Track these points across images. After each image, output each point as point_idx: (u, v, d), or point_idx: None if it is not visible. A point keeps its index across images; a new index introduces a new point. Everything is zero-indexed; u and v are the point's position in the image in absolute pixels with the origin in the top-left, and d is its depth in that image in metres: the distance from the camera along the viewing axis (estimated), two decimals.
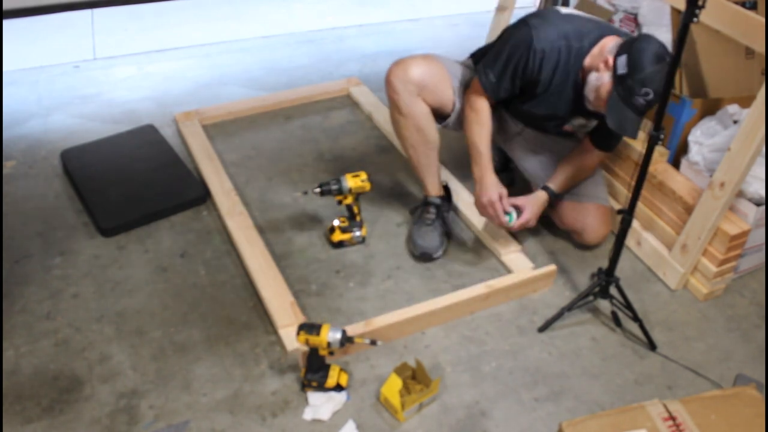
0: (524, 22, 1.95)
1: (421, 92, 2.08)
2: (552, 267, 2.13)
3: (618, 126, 1.84)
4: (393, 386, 1.71)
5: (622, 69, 1.79)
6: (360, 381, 1.81)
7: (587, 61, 1.92)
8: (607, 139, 2.14)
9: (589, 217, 2.21)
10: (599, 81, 1.88)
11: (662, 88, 1.62)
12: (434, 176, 2.25)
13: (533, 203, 2.12)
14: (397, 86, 2.09)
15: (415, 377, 1.79)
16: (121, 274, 2.11)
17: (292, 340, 1.85)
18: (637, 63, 1.77)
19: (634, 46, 1.80)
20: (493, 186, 2.05)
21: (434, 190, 2.27)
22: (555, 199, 2.18)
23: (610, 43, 1.89)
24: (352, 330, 1.83)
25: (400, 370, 1.75)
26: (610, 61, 1.83)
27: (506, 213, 2.06)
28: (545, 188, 2.16)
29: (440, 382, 1.78)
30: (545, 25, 1.92)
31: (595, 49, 1.91)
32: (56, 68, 3.27)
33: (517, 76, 1.96)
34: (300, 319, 1.92)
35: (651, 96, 1.78)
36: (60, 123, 2.83)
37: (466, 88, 2.17)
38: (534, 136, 2.27)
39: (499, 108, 2.18)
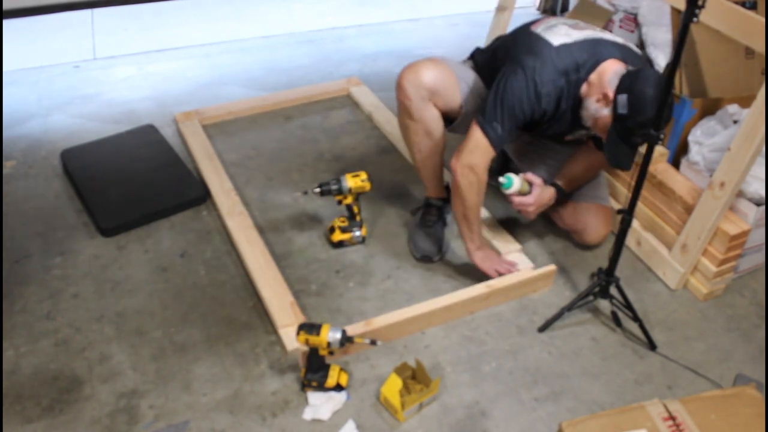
0: (519, 64, 1.88)
1: (432, 97, 2.03)
2: (552, 267, 2.13)
3: (614, 160, 1.88)
4: (393, 386, 1.71)
5: (622, 109, 1.78)
6: (360, 381, 1.81)
7: (584, 89, 1.91)
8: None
9: (590, 217, 2.20)
10: (598, 113, 1.88)
11: (661, 127, 1.67)
12: (438, 178, 2.24)
13: (541, 192, 2.09)
14: (409, 91, 2.01)
15: (415, 377, 1.79)
16: (121, 274, 2.11)
17: (292, 340, 1.85)
18: (638, 107, 1.76)
19: (636, 86, 1.77)
20: (493, 258, 2.11)
21: (437, 192, 2.27)
22: (563, 198, 2.17)
23: (609, 71, 1.86)
24: (352, 330, 1.83)
25: (400, 370, 1.75)
26: (611, 96, 1.82)
27: (506, 176, 2.03)
28: (554, 185, 2.14)
29: (440, 382, 1.78)
30: (543, 66, 1.87)
31: (593, 76, 1.89)
32: (56, 68, 3.27)
33: (521, 123, 1.92)
34: (300, 319, 1.92)
35: (650, 135, 1.74)
36: (60, 123, 2.83)
37: (475, 92, 2.11)
38: (533, 140, 2.28)
39: None
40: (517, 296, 2.10)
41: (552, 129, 2.03)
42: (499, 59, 2.04)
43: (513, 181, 2.02)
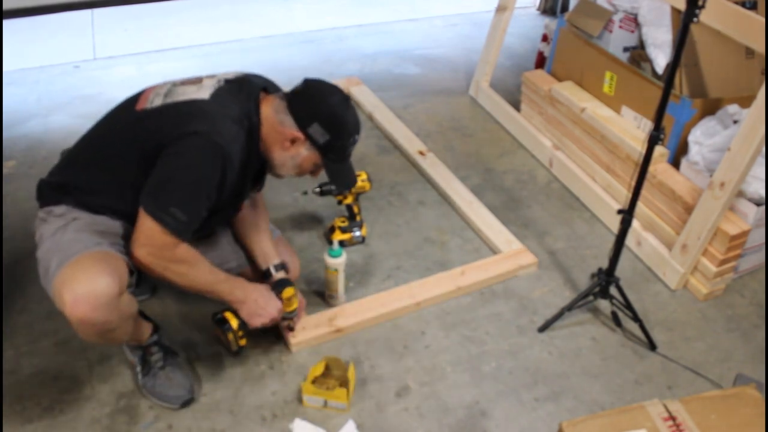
0: (186, 133, 1.48)
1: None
2: (520, 246, 2.21)
3: (344, 183, 1.75)
4: (316, 371, 1.75)
5: (322, 138, 1.58)
6: (360, 381, 1.81)
7: (262, 143, 1.62)
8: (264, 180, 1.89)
9: (286, 253, 1.93)
10: (296, 159, 1.63)
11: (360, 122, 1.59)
12: (137, 320, 1.69)
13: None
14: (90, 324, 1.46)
15: (342, 383, 1.77)
16: None
17: (295, 338, 1.87)
18: (334, 123, 1.58)
19: (318, 108, 1.57)
20: (272, 296, 1.75)
21: (147, 332, 1.75)
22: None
23: (267, 109, 1.61)
24: (318, 318, 1.92)
25: (334, 364, 1.78)
26: (300, 136, 1.58)
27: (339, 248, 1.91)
28: (270, 271, 1.82)
29: (351, 394, 1.74)
30: (212, 121, 1.51)
31: (264, 127, 1.60)
32: (56, 68, 3.27)
33: (212, 198, 1.53)
34: (302, 317, 1.93)
35: (358, 138, 1.65)
36: (60, 123, 2.83)
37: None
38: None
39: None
40: (496, 274, 2.13)
41: (234, 194, 1.65)
42: (123, 163, 1.56)
43: (342, 254, 1.92)
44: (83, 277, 1.42)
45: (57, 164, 1.69)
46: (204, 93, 1.56)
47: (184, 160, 1.49)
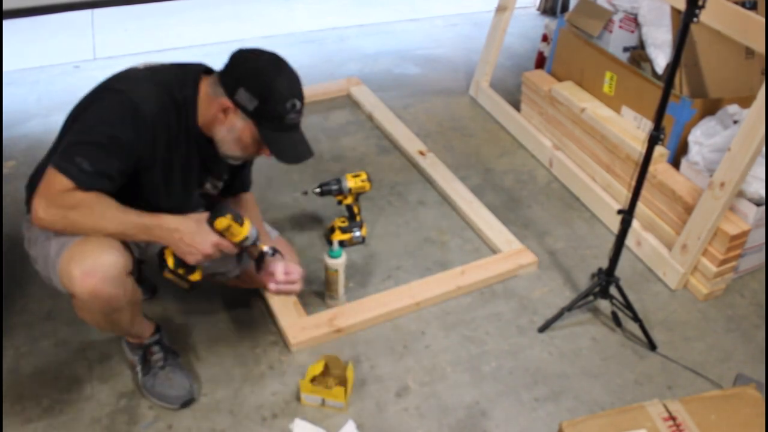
0: (106, 89, 1.50)
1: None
2: (520, 246, 2.20)
3: (295, 157, 1.59)
4: (314, 370, 1.74)
5: (250, 104, 1.48)
6: (360, 381, 1.81)
7: (201, 119, 1.55)
8: (245, 179, 1.87)
9: (286, 253, 1.82)
10: (233, 132, 1.54)
11: (301, 88, 1.50)
12: (141, 317, 1.72)
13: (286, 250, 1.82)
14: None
15: (341, 382, 1.77)
16: None
17: (296, 338, 1.87)
18: (261, 86, 1.48)
19: (236, 70, 1.51)
20: (204, 229, 1.54)
21: (148, 331, 1.77)
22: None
23: (205, 86, 1.54)
24: (318, 318, 1.91)
25: (333, 363, 1.78)
26: (228, 103, 1.50)
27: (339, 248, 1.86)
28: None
29: (349, 394, 1.74)
30: (130, 81, 1.49)
31: (201, 103, 1.54)
32: (56, 68, 3.27)
33: (122, 154, 1.46)
34: (303, 317, 1.93)
35: (299, 104, 1.53)
36: (60, 123, 2.81)
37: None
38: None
39: None
40: (496, 274, 2.13)
41: (181, 181, 1.61)
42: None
43: (342, 254, 1.91)
44: (90, 251, 1.44)
45: (37, 165, 1.68)
46: (143, 66, 1.56)
47: (93, 113, 1.47)
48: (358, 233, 2.25)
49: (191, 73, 1.56)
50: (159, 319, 1.91)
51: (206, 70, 1.60)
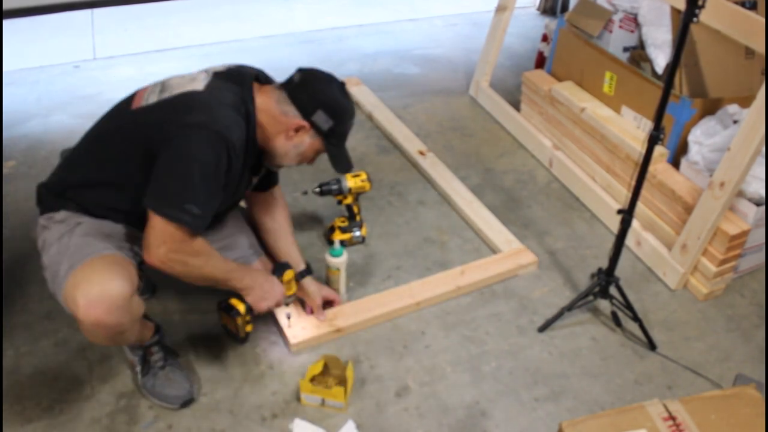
0: (186, 125, 1.47)
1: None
2: (520, 246, 2.20)
3: (344, 167, 1.72)
4: (314, 369, 1.75)
5: (326, 125, 1.60)
6: (360, 381, 1.81)
7: (260, 132, 1.62)
8: (272, 176, 1.90)
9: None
10: (301, 146, 1.64)
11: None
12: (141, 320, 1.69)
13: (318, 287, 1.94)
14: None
15: (341, 381, 1.78)
16: None
17: (296, 338, 1.87)
18: (336, 110, 1.61)
19: (319, 96, 1.59)
20: (275, 280, 1.77)
21: (148, 333, 1.76)
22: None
23: (267, 101, 1.61)
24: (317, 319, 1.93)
25: (333, 363, 1.78)
26: (304, 124, 1.60)
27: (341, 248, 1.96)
28: (302, 273, 1.90)
29: (349, 394, 1.74)
30: (212, 112, 1.50)
31: (262, 117, 1.60)
32: (56, 68, 3.27)
33: (221, 186, 1.53)
34: (303, 317, 1.93)
35: (353, 121, 1.69)
36: (60, 123, 2.83)
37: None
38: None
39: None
40: (495, 274, 2.13)
41: (236, 186, 1.67)
42: (128, 161, 1.55)
43: (343, 253, 1.95)
44: (96, 280, 1.43)
45: (56, 167, 1.69)
46: (198, 85, 1.56)
47: (188, 153, 1.46)
48: (358, 233, 2.25)
49: (246, 86, 1.61)
50: (159, 319, 1.91)
51: (257, 77, 1.67)
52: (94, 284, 1.42)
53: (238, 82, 1.60)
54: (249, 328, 1.77)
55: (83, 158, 1.63)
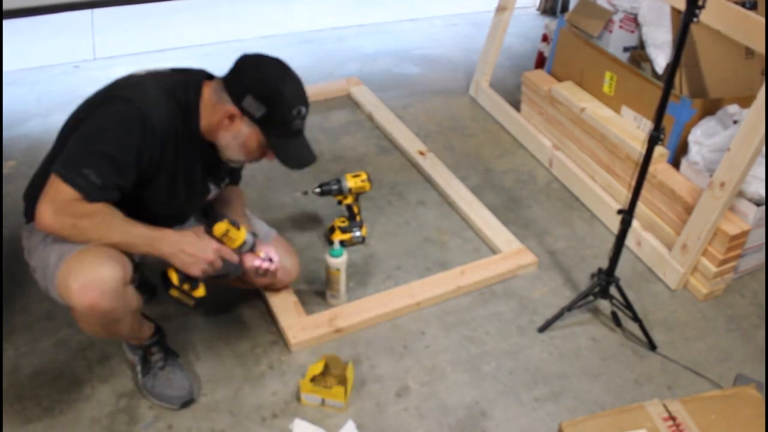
0: (111, 96, 1.48)
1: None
2: (520, 246, 2.20)
3: (299, 163, 1.62)
4: (315, 369, 1.74)
5: (258, 111, 1.50)
6: (360, 381, 1.81)
7: (204, 124, 1.55)
8: (238, 176, 1.89)
9: (285, 253, 1.91)
10: (238, 138, 1.55)
11: (306, 94, 1.53)
12: (141, 320, 1.71)
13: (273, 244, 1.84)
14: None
15: (341, 381, 1.78)
16: None
17: (296, 338, 1.87)
18: (268, 94, 1.50)
19: (242, 77, 1.53)
20: (204, 238, 1.59)
21: (148, 333, 1.75)
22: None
23: (209, 92, 1.55)
24: (318, 318, 1.91)
25: (333, 363, 1.78)
26: (235, 110, 1.51)
27: (340, 248, 1.91)
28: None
29: (348, 395, 1.74)
30: (136, 88, 1.48)
31: (204, 108, 1.54)
32: (56, 68, 3.27)
33: (130, 163, 1.45)
34: (303, 317, 1.93)
35: (304, 110, 1.58)
36: (60, 123, 2.81)
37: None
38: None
39: None
40: (495, 274, 2.13)
41: (187, 190, 1.62)
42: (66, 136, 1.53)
43: (343, 253, 1.92)
44: (89, 264, 1.42)
45: (35, 173, 1.67)
46: (142, 71, 1.55)
47: (98, 123, 1.45)
48: (358, 233, 2.25)
49: (193, 78, 1.57)
50: (159, 319, 1.91)
51: (208, 76, 1.61)
52: (86, 269, 1.41)
53: (188, 75, 1.57)
54: (199, 293, 1.61)
55: (48, 154, 1.63)
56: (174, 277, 1.57)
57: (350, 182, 2.15)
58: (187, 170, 1.59)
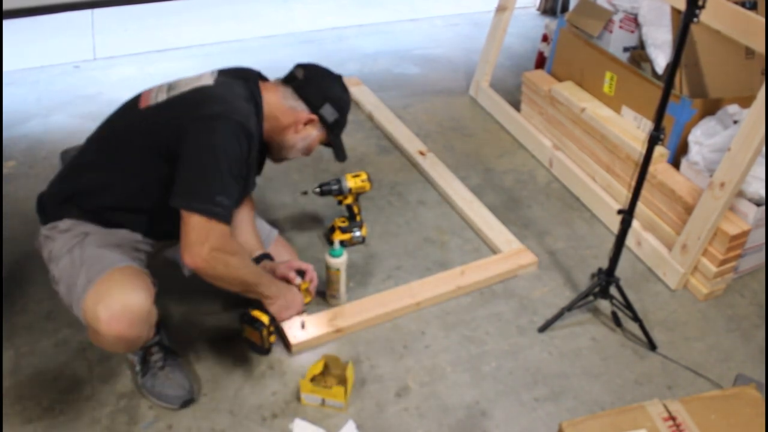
0: (204, 117, 1.48)
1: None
2: (520, 246, 2.21)
3: (345, 155, 1.87)
4: (314, 369, 1.75)
5: (332, 117, 1.73)
6: (360, 381, 1.81)
7: (267, 127, 1.66)
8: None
9: (286, 253, 1.97)
10: (306, 140, 1.73)
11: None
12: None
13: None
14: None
15: (341, 381, 1.78)
16: None
17: (296, 338, 1.87)
18: (341, 103, 1.74)
19: (318, 87, 1.69)
20: (295, 300, 1.80)
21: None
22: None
23: (275, 96, 1.66)
24: (318, 318, 1.92)
25: (333, 363, 1.78)
26: (313, 117, 1.69)
27: (340, 248, 1.93)
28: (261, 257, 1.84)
29: (348, 395, 1.74)
30: (225, 101, 1.52)
31: (271, 111, 1.65)
32: (56, 68, 3.27)
33: (244, 175, 1.58)
34: (303, 316, 1.93)
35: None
36: (60, 123, 2.83)
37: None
38: None
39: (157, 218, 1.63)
40: (495, 275, 2.13)
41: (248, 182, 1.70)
42: (149, 150, 1.54)
43: (343, 253, 1.93)
44: (117, 295, 1.44)
45: (58, 174, 1.67)
46: (207, 81, 1.59)
47: (212, 145, 1.46)
48: (358, 233, 2.25)
49: (254, 82, 1.66)
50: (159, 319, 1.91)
51: (261, 77, 1.73)
52: (116, 299, 1.43)
53: (244, 78, 1.65)
54: (272, 339, 1.76)
55: (92, 161, 1.62)
56: (265, 319, 1.71)
57: (350, 182, 2.15)
58: (254, 169, 1.72)
